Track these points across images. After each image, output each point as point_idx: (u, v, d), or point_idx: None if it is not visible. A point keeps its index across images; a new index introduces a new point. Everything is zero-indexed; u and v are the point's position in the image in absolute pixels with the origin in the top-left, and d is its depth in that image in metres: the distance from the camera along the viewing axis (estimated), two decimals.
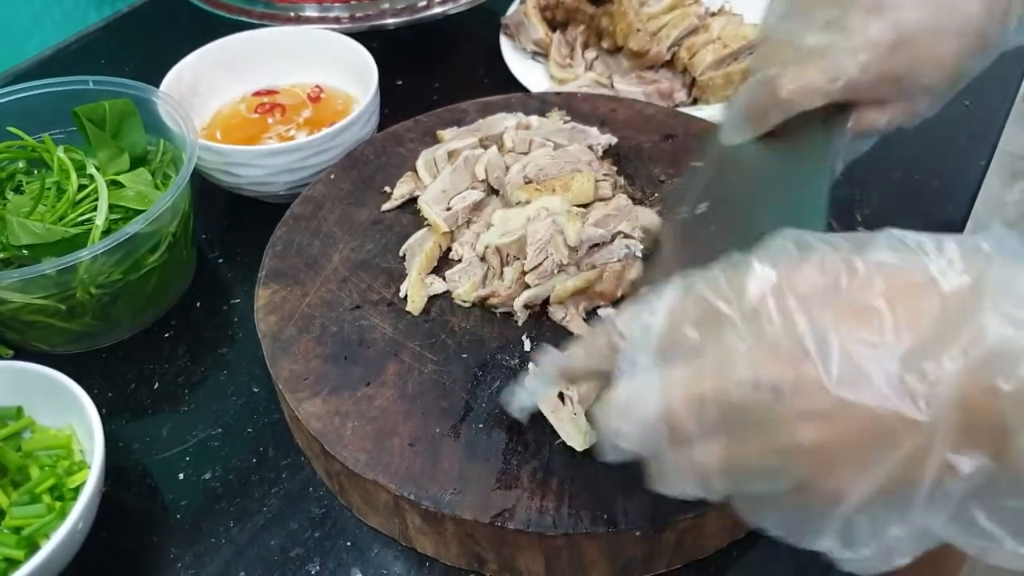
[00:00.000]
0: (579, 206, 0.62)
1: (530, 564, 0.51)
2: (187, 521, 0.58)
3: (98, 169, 0.65)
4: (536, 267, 0.56)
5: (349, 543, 0.56)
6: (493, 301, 0.59)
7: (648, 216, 0.62)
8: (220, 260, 0.76)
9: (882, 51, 0.51)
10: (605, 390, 0.40)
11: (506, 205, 0.65)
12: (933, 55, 0.52)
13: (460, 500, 0.50)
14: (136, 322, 0.68)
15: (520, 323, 0.59)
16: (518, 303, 0.58)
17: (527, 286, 0.57)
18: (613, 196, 0.65)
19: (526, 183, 0.64)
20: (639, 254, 0.59)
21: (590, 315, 0.60)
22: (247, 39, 0.83)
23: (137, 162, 0.68)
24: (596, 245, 0.59)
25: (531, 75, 0.90)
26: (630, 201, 0.63)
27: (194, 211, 0.72)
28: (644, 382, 0.38)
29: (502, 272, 0.59)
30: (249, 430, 0.63)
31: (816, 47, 0.52)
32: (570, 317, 0.58)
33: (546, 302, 0.59)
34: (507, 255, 0.59)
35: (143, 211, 0.62)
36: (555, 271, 0.57)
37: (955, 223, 0.78)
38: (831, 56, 0.51)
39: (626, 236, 0.59)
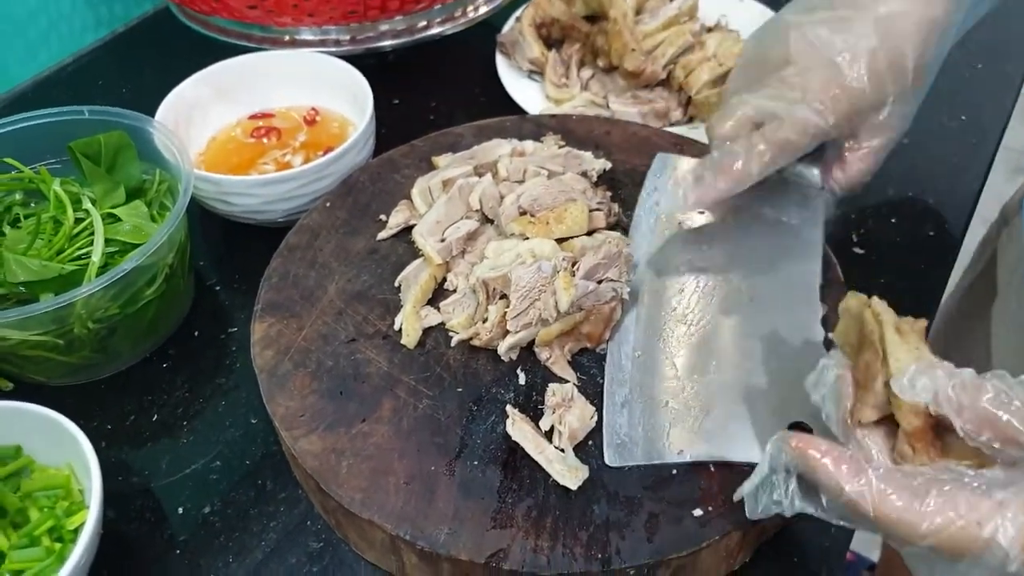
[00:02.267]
0: (569, 239, 0.62)
1: None
2: (187, 556, 0.58)
3: (94, 203, 0.65)
4: (519, 314, 0.56)
5: None
6: (476, 342, 0.59)
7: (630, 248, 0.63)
8: (218, 287, 0.76)
9: (833, 91, 0.58)
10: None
11: (501, 235, 0.65)
12: (890, 65, 0.58)
13: (455, 540, 0.50)
14: (135, 353, 0.68)
15: (515, 356, 0.60)
16: (503, 347, 0.58)
17: (508, 331, 0.58)
18: (606, 226, 0.65)
19: (520, 214, 0.64)
20: (625, 296, 0.60)
21: (576, 357, 0.60)
22: (241, 63, 0.83)
23: (133, 194, 0.68)
24: None
25: (527, 94, 0.90)
26: (622, 237, 0.63)
27: (191, 238, 0.73)
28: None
29: (488, 308, 0.59)
30: (247, 462, 0.63)
31: (774, 110, 0.59)
32: (555, 359, 0.58)
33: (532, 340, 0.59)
34: (493, 289, 0.59)
35: (140, 244, 0.62)
36: (538, 323, 0.57)
37: (954, 236, 0.78)
38: (793, 113, 0.58)
39: (613, 280, 0.59)
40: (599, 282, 0.58)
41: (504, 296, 0.60)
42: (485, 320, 0.58)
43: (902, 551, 0.40)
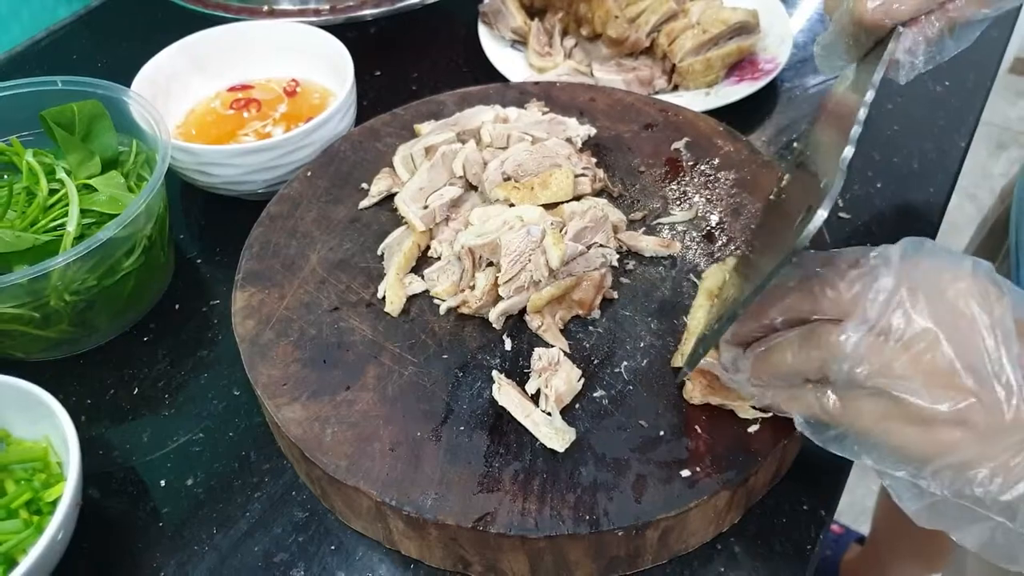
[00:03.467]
0: (555, 205, 0.61)
1: (514, 565, 0.51)
2: (170, 529, 0.57)
3: (68, 173, 0.64)
4: (510, 279, 0.56)
5: (333, 547, 0.56)
6: (464, 310, 0.58)
7: (616, 215, 0.62)
8: (199, 260, 0.75)
9: None
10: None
11: (485, 201, 0.64)
12: None
13: (442, 505, 0.50)
14: (114, 327, 0.67)
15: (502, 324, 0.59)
16: (494, 314, 0.57)
17: (500, 296, 0.57)
18: (592, 192, 0.65)
19: (504, 180, 0.64)
20: (615, 263, 0.59)
21: (567, 325, 0.59)
22: (219, 34, 0.82)
23: (109, 164, 0.67)
24: None
25: (510, 64, 0.89)
26: (608, 203, 0.62)
27: (171, 211, 0.71)
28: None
29: (474, 275, 0.58)
30: (231, 434, 0.62)
31: None
32: (546, 326, 0.57)
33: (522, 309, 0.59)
34: (479, 257, 0.58)
35: (116, 215, 0.61)
36: (530, 286, 0.57)
37: (936, 203, 0.78)
38: None
39: (602, 246, 0.58)
40: (588, 247, 0.58)
41: (491, 263, 0.59)
42: (472, 287, 0.58)
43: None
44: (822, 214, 0.40)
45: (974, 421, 0.39)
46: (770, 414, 0.52)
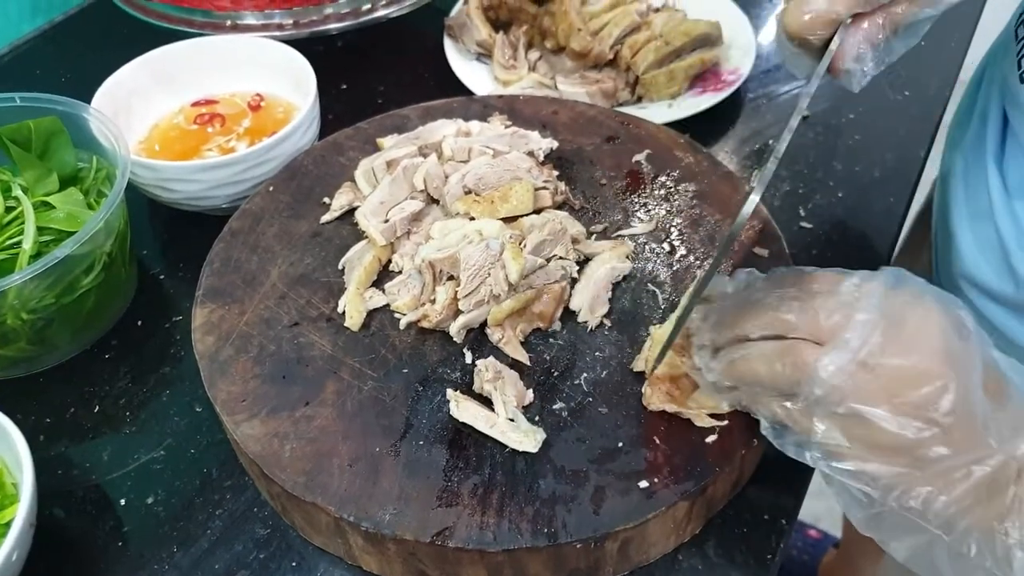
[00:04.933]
0: (516, 218, 0.61)
1: None
2: (129, 548, 0.57)
3: (25, 191, 0.63)
4: (470, 293, 0.56)
5: (295, 563, 0.56)
6: (425, 324, 0.58)
7: (576, 227, 0.63)
8: (162, 276, 0.75)
9: None
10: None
11: (446, 215, 0.65)
12: None
13: (400, 520, 0.50)
14: (75, 344, 0.67)
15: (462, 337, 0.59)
16: (455, 328, 0.57)
17: (460, 311, 0.57)
18: (553, 205, 0.65)
19: (465, 193, 0.64)
20: (575, 274, 0.59)
21: (528, 337, 0.59)
22: (182, 49, 0.82)
23: (68, 181, 0.66)
24: None
25: (475, 76, 0.89)
26: (568, 216, 0.63)
27: (133, 227, 0.71)
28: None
29: (434, 289, 0.58)
30: (192, 451, 0.62)
31: None
32: (507, 339, 0.57)
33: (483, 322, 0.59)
34: (440, 271, 0.59)
35: (75, 232, 0.60)
36: (490, 300, 0.57)
37: (897, 212, 0.79)
38: None
39: (561, 258, 0.58)
40: (547, 260, 0.58)
41: (452, 277, 0.59)
42: (433, 301, 0.58)
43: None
44: (754, 199, 0.42)
45: (932, 449, 0.42)
46: (725, 421, 0.53)
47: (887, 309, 0.44)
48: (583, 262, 0.63)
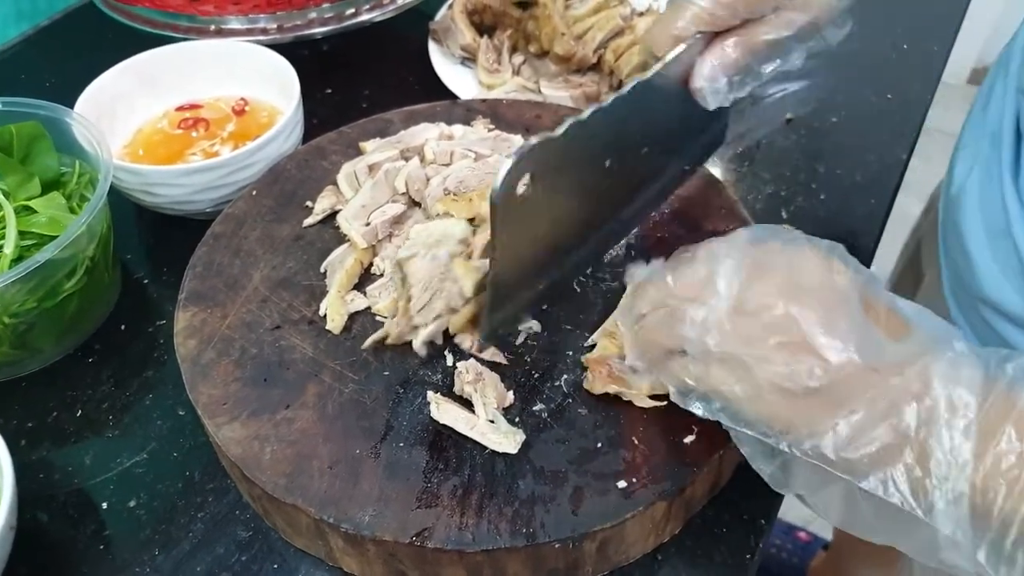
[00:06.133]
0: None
1: None
2: (111, 552, 0.57)
3: (6, 195, 0.63)
4: (423, 307, 0.56)
5: (276, 565, 0.56)
6: (391, 342, 0.58)
7: None
8: (146, 280, 0.75)
9: None
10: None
11: (428, 218, 0.65)
12: None
13: (379, 521, 0.50)
14: (58, 349, 0.67)
15: (440, 341, 0.59)
16: (417, 343, 0.57)
17: (416, 325, 0.57)
18: None
19: (446, 195, 0.64)
20: None
21: (499, 347, 0.59)
22: (166, 53, 0.82)
23: (50, 186, 0.67)
24: None
25: (460, 80, 0.90)
26: None
27: (117, 231, 0.71)
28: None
29: (402, 289, 0.59)
30: (175, 454, 0.62)
31: None
32: (479, 346, 0.57)
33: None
34: (406, 272, 0.59)
35: (56, 237, 0.60)
36: (447, 312, 0.57)
37: (878, 214, 0.79)
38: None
39: None
40: None
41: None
42: (394, 315, 0.58)
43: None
44: (506, 163, 0.43)
45: (820, 384, 0.41)
46: (664, 402, 0.54)
47: (754, 255, 0.45)
48: None
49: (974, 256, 0.64)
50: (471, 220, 0.59)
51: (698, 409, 0.48)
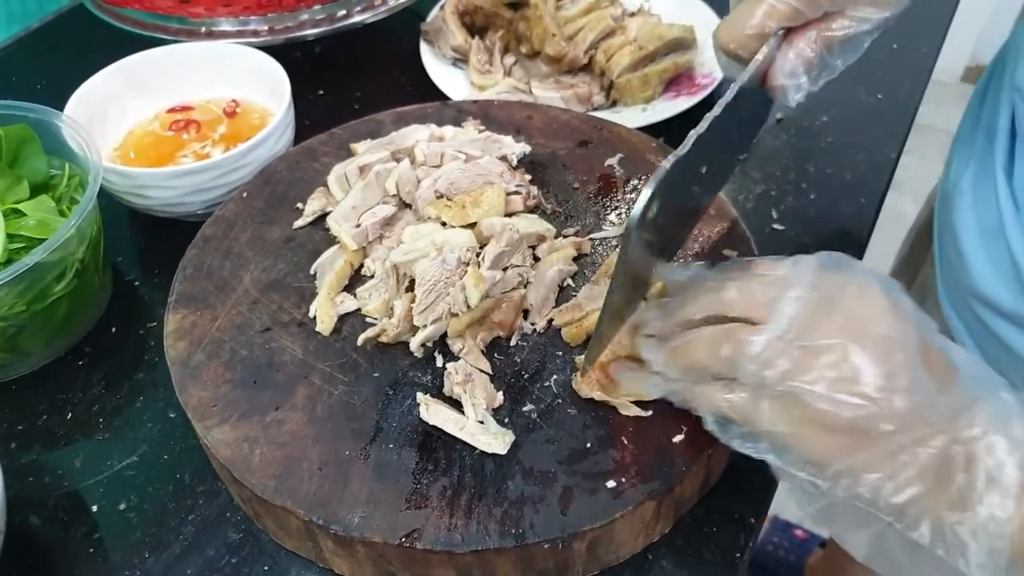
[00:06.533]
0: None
1: None
2: (101, 554, 0.57)
3: None
4: (426, 309, 0.56)
5: (267, 567, 0.56)
6: (384, 339, 0.58)
7: (540, 225, 0.63)
8: (137, 283, 0.75)
9: None
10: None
11: (419, 220, 0.65)
12: None
13: (369, 522, 0.50)
14: (48, 352, 0.67)
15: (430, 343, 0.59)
16: (414, 343, 0.57)
17: (416, 326, 0.57)
18: (525, 209, 0.66)
19: (437, 198, 0.64)
20: (531, 279, 0.60)
21: (490, 348, 0.59)
22: (157, 55, 0.82)
23: (39, 188, 0.66)
24: None
25: (451, 81, 0.90)
26: (534, 220, 0.63)
27: (108, 234, 0.71)
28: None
29: (398, 291, 0.59)
30: (165, 457, 0.62)
31: None
32: (468, 349, 0.57)
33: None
34: (403, 274, 0.59)
35: (45, 239, 0.60)
36: (447, 317, 0.57)
37: (868, 213, 0.80)
38: None
39: (517, 266, 0.59)
40: (504, 269, 0.58)
41: (410, 289, 0.59)
42: (390, 315, 0.58)
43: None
44: (646, 193, 0.43)
45: (873, 428, 0.41)
46: (649, 412, 0.54)
47: (821, 285, 0.45)
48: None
49: (967, 253, 0.64)
50: (465, 227, 0.59)
51: (737, 445, 0.47)
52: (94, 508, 0.59)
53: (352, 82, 0.95)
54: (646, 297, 0.57)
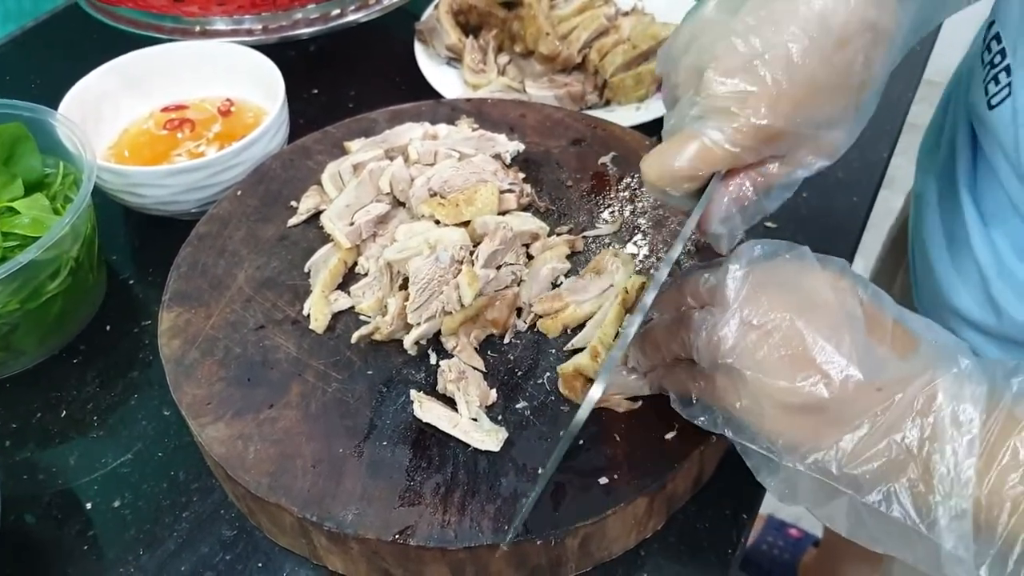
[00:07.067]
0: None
1: None
2: (95, 552, 0.57)
3: None
4: (419, 307, 0.56)
5: (261, 564, 0.56)
6: (377, 337, 0.58)
7: (533, 223, 0.63)
8: (131, 281, 0.75)
9: (752, 122, 0.43)
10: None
11: (412, 218, 0.65)
12: (822, 95, 0.44)
13: (362, 520, 0.50)
14: (42, 350, 0.67)
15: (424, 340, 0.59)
16: (408, 341, 0.57)
17: (409, 324, 0.57)
18: (518, 207, 0.66)
19: (431, 196, 0.64)
20: (525, 277, 0.60)
21: (484, 345, 0.60)
22: (151, 54, 0.82)
23: (34, 187, 0.67)
24: None
25: (446, 80, 0.90)
26: (527, 218, 0.63)
27: (103, 232, 0.71)
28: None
29: (392, 289, 0.59)
30: (160, 454, 0.62)
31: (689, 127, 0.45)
32: (461, 346, 0.58)
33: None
34: (396, 272, 0.59)
35: (40, 238, 0.61)
36: (441, 315, 0.57)
37: (860, 212, 0.80)
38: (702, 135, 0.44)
39: (510, 264, 0.59)
40: (498, 268, 0.58)
41: (403, 287, 0.59)
42: (384, 313, 0.58)
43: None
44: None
45: (823, 401, 0.42)
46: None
47: (761, 265, 0.46)
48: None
49: (935, 265, 0.65)
50: (459, 225, 0.59)
51: (702, 421, 0.48)
52: (88, 506, 0.59)
53: (346, 81, 0.96)
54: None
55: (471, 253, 0.59)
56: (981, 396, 0.41)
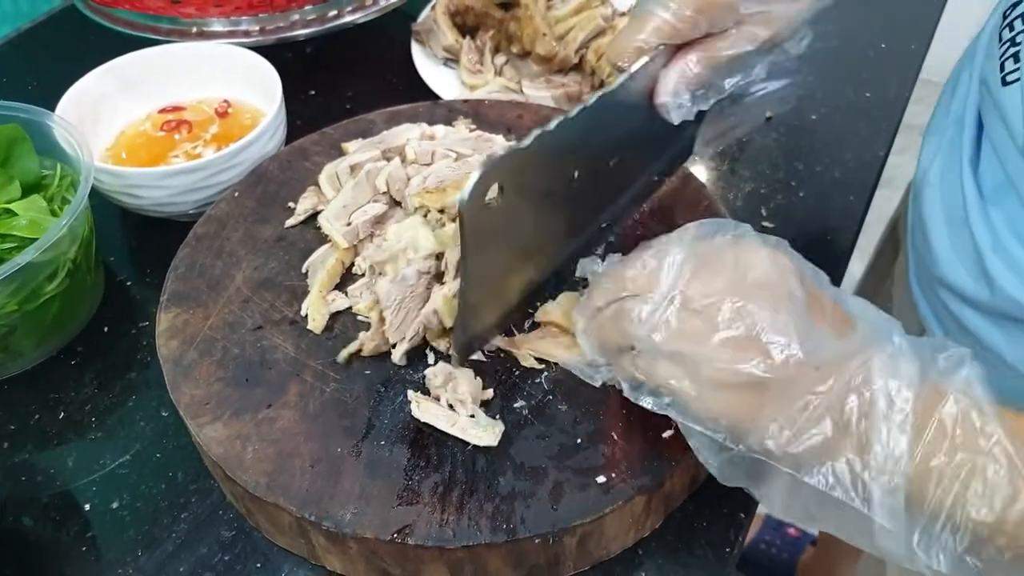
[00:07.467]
0: None
1: None
2: (93, 553, 0.57)
3: None
4: (399, 326, 0.57)
5: (259, 564, 0.56)
6: (364, 354, 0.58)
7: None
8: (129, 282, 0.75)
9: None
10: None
11: (408, 217, 0.65)
12: None
13: (360, 519, 0.50)
14: (40, 351, 0.67)
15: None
16: (396, 356, 0.57)
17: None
18: None
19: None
20: None
21: None
22: (148, 56, 0.82)
23: (31, 188, 0.67)
24: None
25: (443, 81, 0.90)
26: None
27: (101, 233, 0.71)
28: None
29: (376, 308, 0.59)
30: (158, 455, 0.62)
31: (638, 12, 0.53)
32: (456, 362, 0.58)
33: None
34: (379, 274, 0.59)
35: (37, 239, 0.61)
36: (423, 331, 0.58)
37: (856, 211, 0.80)
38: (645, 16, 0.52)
39: None
40: None
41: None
42: (367, 328, 0.58)
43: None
44: (474, 176, 0.44)
45: (764, 379, 0.42)
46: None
47: (700, 250, 0.46)
48: None
49: (934, 241, 0.65)
50: (441, 211, 0.59)
51: (648, 404, 0.48)
52: (87, 507, 0.59)
53: (343, 82, 0.96)
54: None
55: (439, 257, 0.58)
56: (913, 373, 0.41)
